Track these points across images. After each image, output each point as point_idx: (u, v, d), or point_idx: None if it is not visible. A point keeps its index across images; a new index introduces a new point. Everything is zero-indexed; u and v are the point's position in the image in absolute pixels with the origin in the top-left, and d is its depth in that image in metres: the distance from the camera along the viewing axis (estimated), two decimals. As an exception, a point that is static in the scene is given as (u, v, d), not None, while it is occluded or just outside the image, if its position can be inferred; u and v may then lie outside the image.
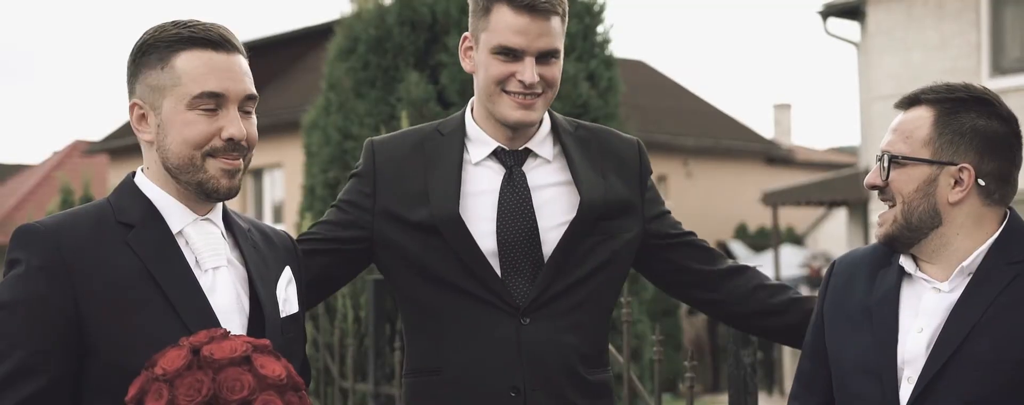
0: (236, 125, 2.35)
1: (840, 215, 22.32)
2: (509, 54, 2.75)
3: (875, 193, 2.62)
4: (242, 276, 2.43)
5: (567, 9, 2.82)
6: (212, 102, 2.34)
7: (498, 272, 2.78)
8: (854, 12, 16.87)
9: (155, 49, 2.36)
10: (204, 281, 2.35)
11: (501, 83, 2.77)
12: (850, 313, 2.62)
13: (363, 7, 10.06)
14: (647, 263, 3.00)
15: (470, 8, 2.83)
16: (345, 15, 10.35)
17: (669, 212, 3.04)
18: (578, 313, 2.83)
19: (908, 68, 15.13)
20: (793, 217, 24.11)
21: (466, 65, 2.87)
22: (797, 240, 24.06)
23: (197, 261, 2.36)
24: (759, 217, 23.70)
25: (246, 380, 2.12)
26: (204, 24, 2.39)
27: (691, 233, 3.03)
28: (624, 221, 2.89)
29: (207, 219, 2.40)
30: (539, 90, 2.78)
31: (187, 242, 2.37)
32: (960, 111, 2.53)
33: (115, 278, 2.27)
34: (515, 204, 2.81)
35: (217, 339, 2.18)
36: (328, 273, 2.89)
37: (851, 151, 31.60)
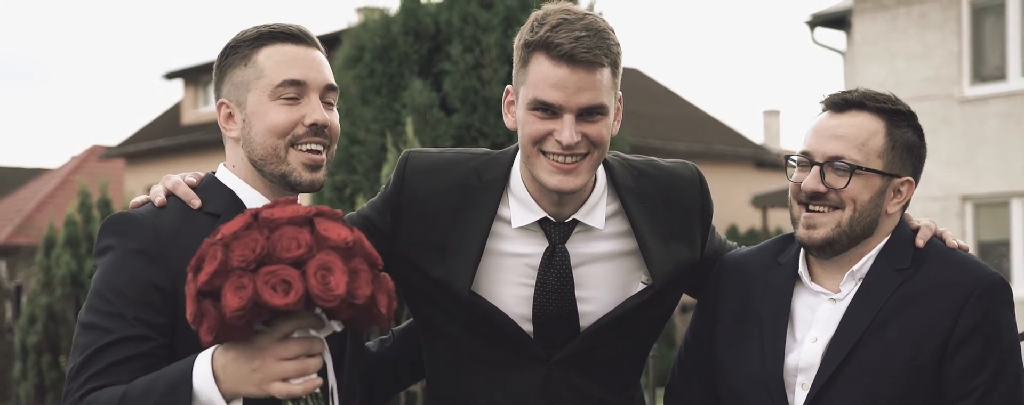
0: (319, 111, 2.34)
1: (828, 218, 22.57)
2: (546, 110, 2.43)
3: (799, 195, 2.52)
4: None
5: (620, 59, 2.47)
6: (294, 90, 2.33)
7: (530, 334, 2.58)
8: (840, 22, 17.11)
9: (238, 49, 2.38)
10: None
11: (538, 143, 2.45)
12: (744, 322, 2.59)
13: (369, 17, 10.31)
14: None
15: (514, 59, 2.56)
16: (352, 25, 10.54)
17: (721, 242, 2.82)
18: (611, 363, 2.65)
19: (892, 76, 15.24)
20: (782, 219, 24.35)
21: (508, 121, 2.56)
22: (786, 242, 24.27)
23: None
24: (749, 219, 24.00)
25: (303, 238, 1.96)
26: (284, 23, 2.41)
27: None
28: (681, 281, 2.68)
29: None
30: (582, 151, 2.45)
31: None
32: (901, 124, 2.50)
33: None
34: (555, 285, 2.56)
35: (281, 204, 2.04)
36: None
37: (840, 156, 31.79)
